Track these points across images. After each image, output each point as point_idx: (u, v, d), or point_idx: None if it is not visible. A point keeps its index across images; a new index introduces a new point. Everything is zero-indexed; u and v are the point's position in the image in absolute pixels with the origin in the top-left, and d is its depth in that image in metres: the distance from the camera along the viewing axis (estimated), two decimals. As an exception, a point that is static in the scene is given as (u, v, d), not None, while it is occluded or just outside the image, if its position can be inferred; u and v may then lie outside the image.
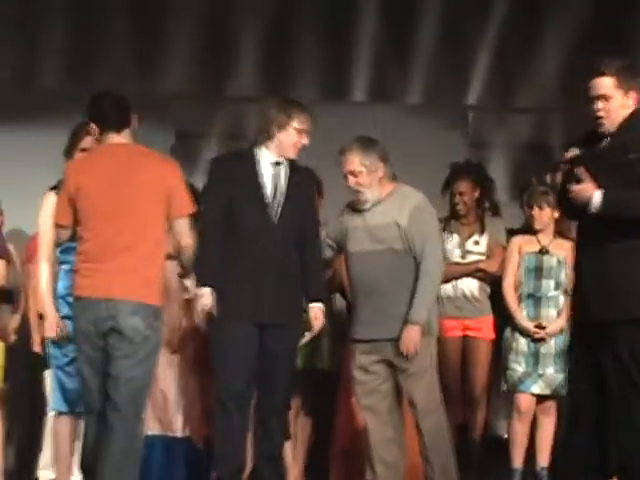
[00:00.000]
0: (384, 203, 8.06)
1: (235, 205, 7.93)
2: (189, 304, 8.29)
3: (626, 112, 6.98)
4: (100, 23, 11.44)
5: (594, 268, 6.99)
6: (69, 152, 8.03)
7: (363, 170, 7.92)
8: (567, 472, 7.16)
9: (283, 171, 8.08)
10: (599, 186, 6.80)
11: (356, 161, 7.92)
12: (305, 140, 8.04)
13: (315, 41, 11.83)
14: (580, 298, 7.12)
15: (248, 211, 7.94)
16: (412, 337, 7.94)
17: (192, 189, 8.07)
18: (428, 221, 8.11)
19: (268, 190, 8.02)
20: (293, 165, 8.19)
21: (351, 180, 7.94)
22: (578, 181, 6.86)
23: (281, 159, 8.05)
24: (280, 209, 8.05)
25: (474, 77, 12.14)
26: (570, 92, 11.37)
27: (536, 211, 9.23)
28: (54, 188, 7.98)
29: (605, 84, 6.91)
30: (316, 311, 8.05)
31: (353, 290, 8.28)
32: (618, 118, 6.97)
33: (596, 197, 6.84)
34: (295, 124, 7.99)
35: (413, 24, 11.93)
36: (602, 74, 6.94)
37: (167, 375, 8.86)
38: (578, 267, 7.21)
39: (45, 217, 7.92)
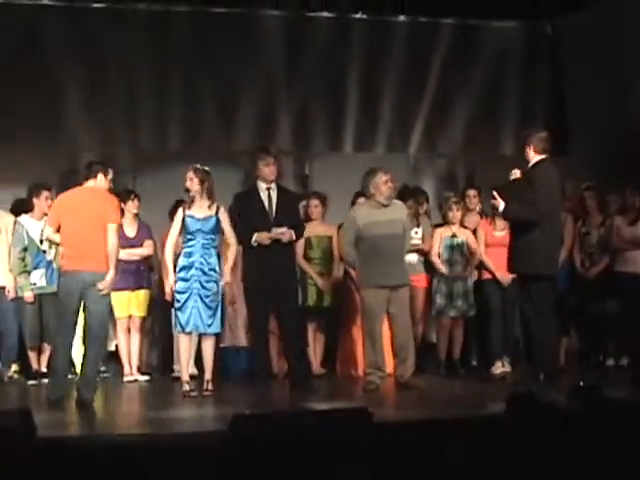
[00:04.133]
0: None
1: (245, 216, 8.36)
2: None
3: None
4: (193, 115, 11.38)
5: (518, 245, 8.03)
6: None
7: None
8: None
9: (275, 191, 8.49)
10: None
11: None
12: (271, 169, 8.42)
13: (322, 114, 11.75)
14: (511, 260, 8.18)
15: (254, 216, 8.38)
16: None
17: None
18: None
19: (265, 203, 8.44)
20: (281, 187, 8.66)
21: None
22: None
23: (271, 185, 8.47)
24: (274, 213, 8.44)
25: (413, 135, 12.11)
26: (470, 144, 12.26)
27: (448, 212, 9.59)
28: (180, 202, 8.61)
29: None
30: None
31: None
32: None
33: (502, 206, 8.00)
34: (261, 163, 8.45)
35: (378, 100, 11.93)
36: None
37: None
38: (511, 244, 8.21)
39: (176, 220, 8.31)
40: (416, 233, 9.68)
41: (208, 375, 8.25)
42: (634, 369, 9.08)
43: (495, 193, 8.08)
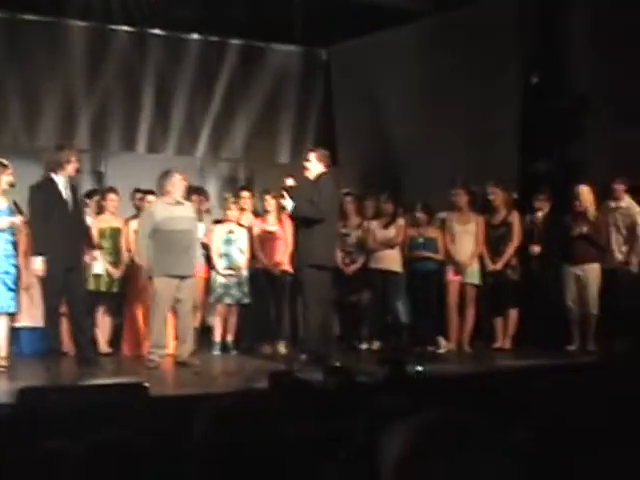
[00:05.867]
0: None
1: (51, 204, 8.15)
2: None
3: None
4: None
5: (302, 241, 8.11)
6: None
7: None
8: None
9: (69, 185, 8.26)
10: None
11: None
12: (76, 165, 8.23)
13: (119, 117, 11.64)
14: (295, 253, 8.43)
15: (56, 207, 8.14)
16: None
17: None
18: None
19: (64, 195, 8.17)
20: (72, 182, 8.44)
21: None
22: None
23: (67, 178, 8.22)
24: (70, 204, 8.22)
25: (200, 141, 12.15)
26: (250, 151, 12.48)
27: (227, 211, 9.58)
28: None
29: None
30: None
31: None
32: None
33: (290, 205, 8.06)
34: (72, 157, 8.21)
35: (170, 107, 11.85)
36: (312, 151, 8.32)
37: None
38: (295, 240, 8.39)
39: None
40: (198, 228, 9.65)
41: (1, 352, 8.07)
42: (384, 352, 9.39)
43: (285, 194, 8.22)
